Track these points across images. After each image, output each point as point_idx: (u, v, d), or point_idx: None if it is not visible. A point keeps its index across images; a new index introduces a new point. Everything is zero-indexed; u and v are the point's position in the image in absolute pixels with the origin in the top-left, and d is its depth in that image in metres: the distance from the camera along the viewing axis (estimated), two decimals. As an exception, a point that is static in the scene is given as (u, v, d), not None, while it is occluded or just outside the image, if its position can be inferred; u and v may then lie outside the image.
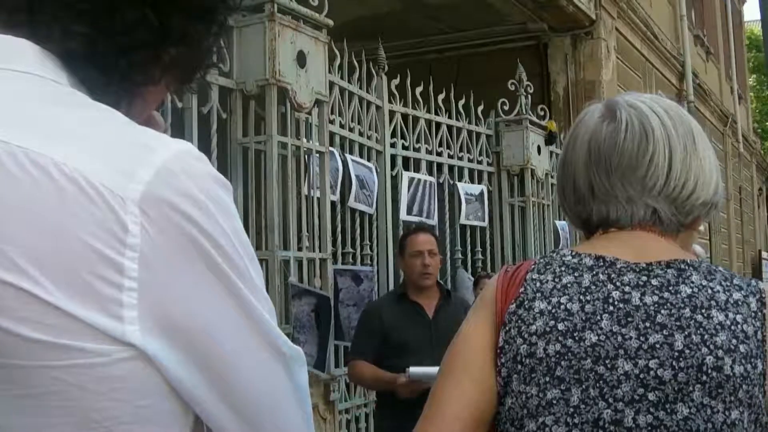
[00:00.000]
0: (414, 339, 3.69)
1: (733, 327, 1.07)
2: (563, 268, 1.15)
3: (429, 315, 3.80)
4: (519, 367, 1.10)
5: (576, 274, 1.14)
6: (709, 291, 1.10)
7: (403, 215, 5.53)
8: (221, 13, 0.85)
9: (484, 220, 6.46)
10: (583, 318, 1.10)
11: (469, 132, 6.44)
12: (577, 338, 1.09)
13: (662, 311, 1.09)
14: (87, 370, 0.66)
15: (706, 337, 1.06)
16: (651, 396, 1.05)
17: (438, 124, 6.09)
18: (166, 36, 0.79)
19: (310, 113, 4.34)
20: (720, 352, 1.05)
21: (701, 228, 1.31)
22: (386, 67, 5.44)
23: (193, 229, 0.69)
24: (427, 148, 5.92)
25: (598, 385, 1.07)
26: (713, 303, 1.09)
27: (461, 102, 6.32)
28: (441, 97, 6.09)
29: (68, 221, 0.65)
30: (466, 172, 6.37)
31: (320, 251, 4.36)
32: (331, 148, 4.58)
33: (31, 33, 0.74)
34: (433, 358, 3.61)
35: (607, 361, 1.07)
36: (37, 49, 0.74)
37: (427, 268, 3.81)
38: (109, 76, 0.77)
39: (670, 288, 1.11)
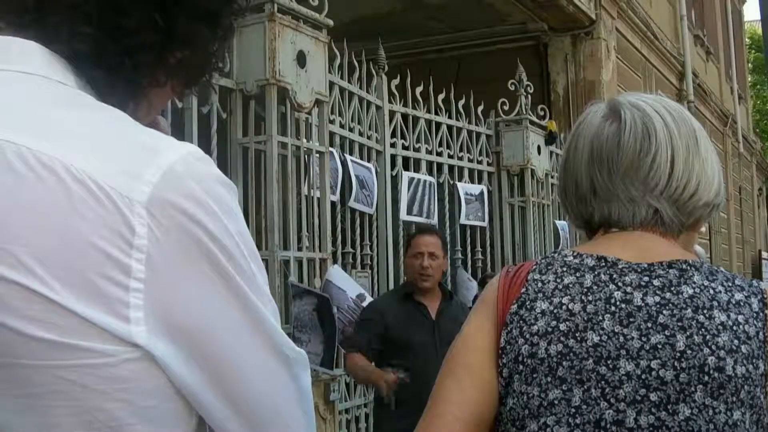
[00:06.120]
0: (418, 340, 3.72)
1: (734, 327, 1.07)
2: (565, 269, 1.15)
3: (432, 316, 3.83)
4: (520, 367, 1.10)
5: (578, 275, 1.14)
6: (711, 291, 1.10)
7: (403, 215, 5.54)
8: (227, 16, 0.85)
9: (484, 220, 6.47)
10: (585, 318, 1.10)
11: (469, 132, 6.44)
12: (578, 338, 1.09)
13: (664, 312, 1.09)
14: (92, 370, 0.66)
15: (708, 337, 1.06)
16: (653, 396, 1.05)
17: (438, 124, 6.09)
18: (171, 38, 0.79)
19: (310, 113, 4.34)
20: (722, 353, 1.05)
21: (702, 228, 1.31)
22: (386, 67, 5.44)
23: (198, 231, 0.69)
24: (427, 148, 5.92)
25: (599, 385, 1.06)
26: (715, 303, 1.09)
27: (461, 102, 6.33)
28: (441, 97, 6.09)
29: (76, 222, 0.65)
30: (466, 172, 6.37)
31: (320, 251, 4.36)
32: (330, 149, 4.58)
33: (38, 34, 0.75)
34: (437, 359, 3.67)
35: (608, 362, 1.07)
36: (44, 50, 0.74)
37: (425, 270, 3.83)
38: (115, 77, 0.77)
39: (672, 288, 1.11)
